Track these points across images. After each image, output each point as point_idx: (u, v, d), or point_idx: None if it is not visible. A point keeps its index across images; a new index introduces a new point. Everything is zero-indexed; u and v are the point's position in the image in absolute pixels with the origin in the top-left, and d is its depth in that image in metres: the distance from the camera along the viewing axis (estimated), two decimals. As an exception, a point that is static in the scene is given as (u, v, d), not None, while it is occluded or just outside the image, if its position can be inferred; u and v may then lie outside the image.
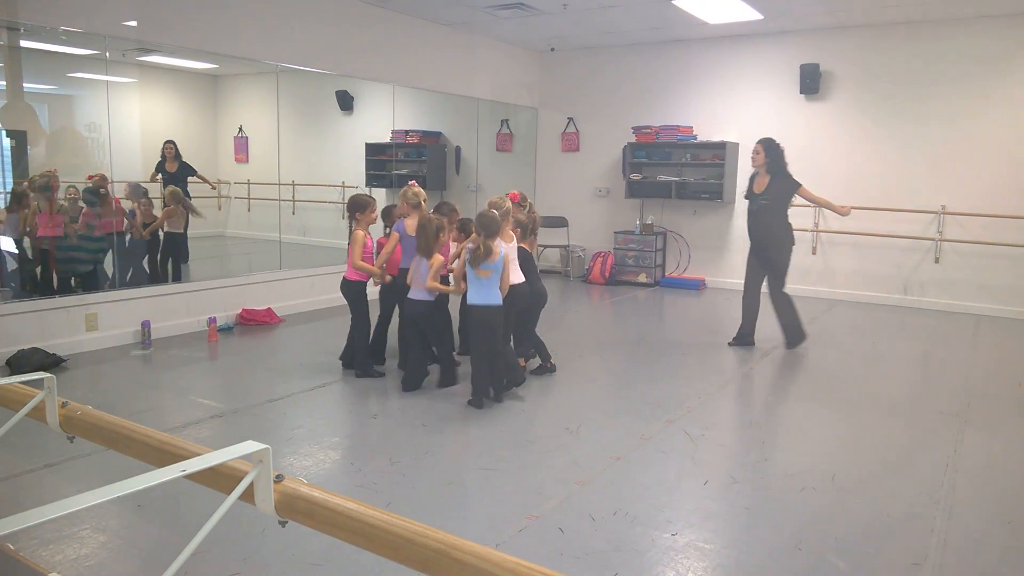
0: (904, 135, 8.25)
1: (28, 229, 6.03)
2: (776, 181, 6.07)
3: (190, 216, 7.20)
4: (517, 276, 4.91)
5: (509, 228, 4.88)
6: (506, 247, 4.69)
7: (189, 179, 7.57)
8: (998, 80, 7.72)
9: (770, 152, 6.05)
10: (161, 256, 6.98)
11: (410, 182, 5.36)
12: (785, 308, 6.28)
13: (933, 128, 8.09)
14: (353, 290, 5.20)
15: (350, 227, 5.21)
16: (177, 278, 6.91)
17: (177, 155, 7.51)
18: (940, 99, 8.00)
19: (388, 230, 5.58)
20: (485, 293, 4.57)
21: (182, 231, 7.07)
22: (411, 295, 4.87)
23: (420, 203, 5.19)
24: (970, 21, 7.76)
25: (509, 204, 4.90)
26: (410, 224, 5.18)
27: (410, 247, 5.12)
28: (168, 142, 7.51)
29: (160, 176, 7.43)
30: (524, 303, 5.02)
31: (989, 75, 7.75)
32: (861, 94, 8.45)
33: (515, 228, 5.10)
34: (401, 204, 5.32)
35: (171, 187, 7.11)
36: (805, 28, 8.54)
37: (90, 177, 6.41)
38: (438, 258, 4.79)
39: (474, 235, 4.78)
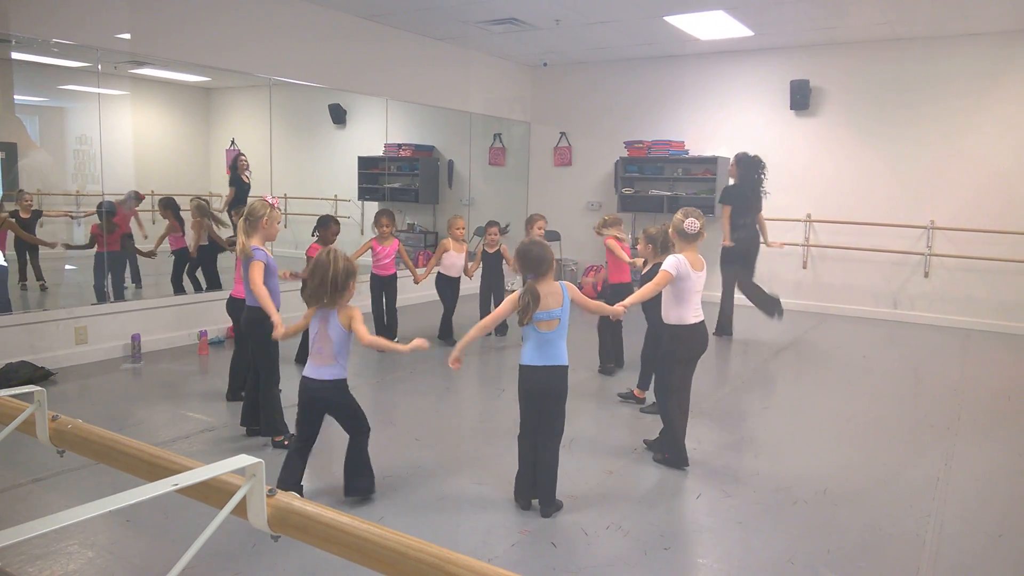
0: (893, 150, 8.33)
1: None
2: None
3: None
4: (683, 309, 3.80)
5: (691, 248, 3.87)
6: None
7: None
8: (986, 96, 7.81)
9: (739, 165, 7.14)
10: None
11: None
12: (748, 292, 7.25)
13: (922, 143, 8.17)
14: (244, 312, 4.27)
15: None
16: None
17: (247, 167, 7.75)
18: (929, 115, 8.09)
19: (315, 236, 5.63)
20: (547, 352, 3.24)
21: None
22: (311, 372, 3.29)
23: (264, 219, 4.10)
24: (959, 39, 7.85)
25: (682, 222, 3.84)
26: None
27: None
28: (243, 155, 7.75)
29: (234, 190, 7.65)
30: (698, 348, 3.92)
31: (977, 91, 7.84)
32: (851, 110, 8.53)
33: (647, 244, 4.65)
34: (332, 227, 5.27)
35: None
36: (795, 44, 8.63)
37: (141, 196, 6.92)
38: (355, 312, 3.29)
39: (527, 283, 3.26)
